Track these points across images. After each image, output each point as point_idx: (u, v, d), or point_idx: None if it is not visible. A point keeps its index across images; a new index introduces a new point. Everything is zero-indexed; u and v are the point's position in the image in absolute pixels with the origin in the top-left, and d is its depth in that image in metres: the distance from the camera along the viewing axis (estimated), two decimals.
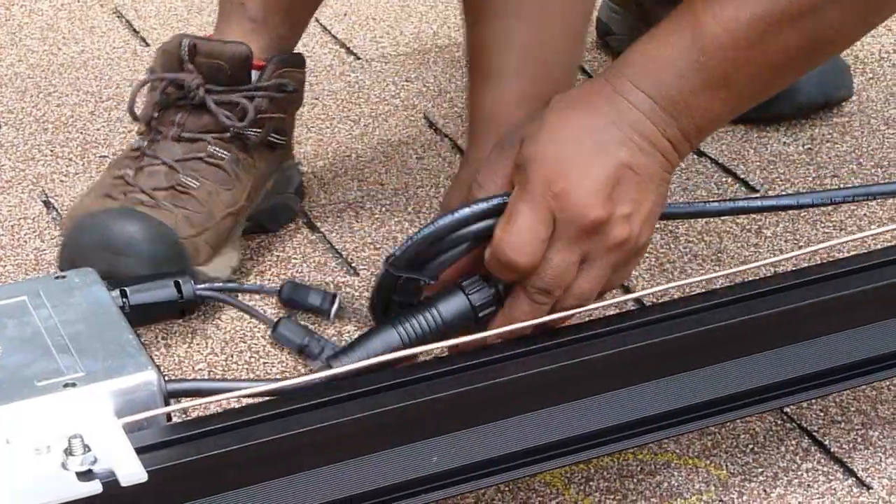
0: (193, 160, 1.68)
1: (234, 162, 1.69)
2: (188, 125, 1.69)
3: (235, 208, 1.69)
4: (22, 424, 1.16)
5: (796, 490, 1.36)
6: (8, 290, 1.30)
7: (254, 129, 1.70)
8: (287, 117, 1.75)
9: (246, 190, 1.70)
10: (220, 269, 1.67)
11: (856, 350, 1.34)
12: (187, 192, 1.65)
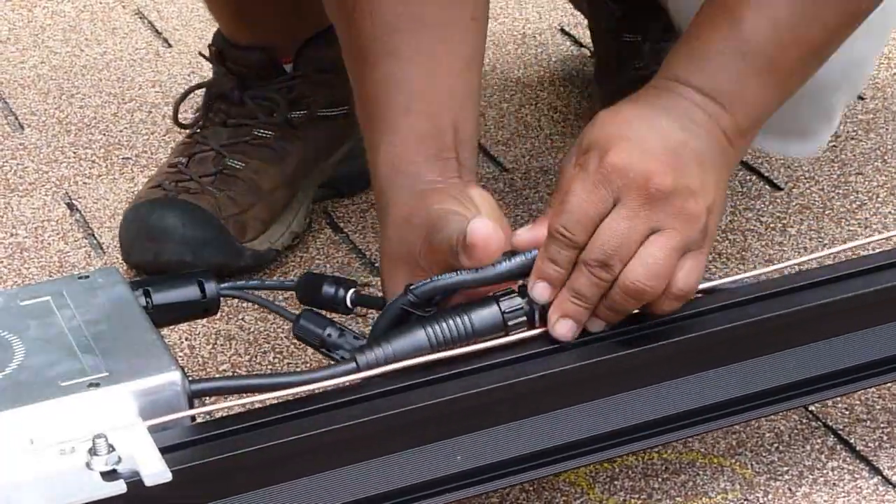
0: (240, 143, 1.76)
1: (280, 139, 1.77)
2: (233, 113, 1.78)
3: (286, 180, 1.75)
4: (46, 425, 1.16)
5: (822, 489, 1.36)
6: (32, 290, 1.31)
7: (297, 112, 1.77)
8: (342, 89, 1.76)
9: (296, 163, 1.77)
10: (275, 238, 1.73)
11: (881, 347, 1.34)
12: (233, 175, 1.73)
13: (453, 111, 1.39)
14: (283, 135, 1.75)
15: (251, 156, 1.74)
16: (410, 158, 1.34)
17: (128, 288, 1.31)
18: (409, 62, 1.39)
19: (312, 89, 1.75)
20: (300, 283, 1.44)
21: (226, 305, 1.50)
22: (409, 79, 1.38)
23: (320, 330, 1.34)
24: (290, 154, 1.75)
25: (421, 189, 1.31)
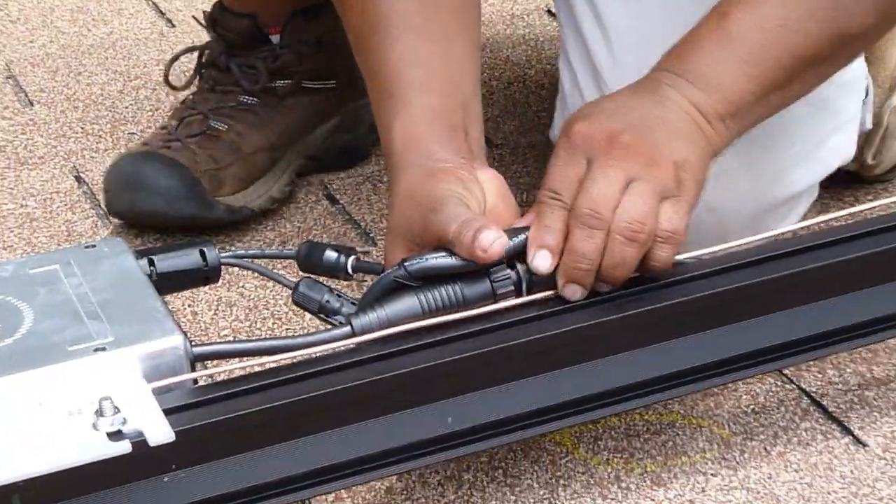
0: (226, 108, 1.77)
1: (264, 106, 1.78)
2: (220, 79, 1.79)
3: (268, 146, 1.76)
4: (54, 388, 1.17)
5: (795, 448, 1.36)
6: (40, 259, 1.31)
7: (280, 82, 1.78)
8: (328, 63, 1.80)
9: (280, 131, 1.78)
10: (252, 198, 1.74)
11: (852, 313, 1.34)
12: (216, 136, 1.75)
13: (464, 90, 1.39)
14: (266, 102, 1.77)
15: (235, 119, 1.76)
16: (424, 134, 1.33)
17: (132, 257, 1.31)
18: (427, 40, 1.38)
19: (297, 61, 1.76)
20: (301, 251, 1.44)
21: (227, 273, 1.50)
22: (426, 57, 1.38)
23: (319, 296, 1.34)
24: (274, 122, 1.76)
25: (431, 167, 1.30)
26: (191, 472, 1.18)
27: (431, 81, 1.37)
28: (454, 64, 1.39)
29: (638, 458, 1.36)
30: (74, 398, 1.15)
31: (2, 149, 1.88)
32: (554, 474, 1.35)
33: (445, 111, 1.35)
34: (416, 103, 1.35)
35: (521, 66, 2.03)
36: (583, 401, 1.28)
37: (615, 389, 1.28)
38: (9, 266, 1.30)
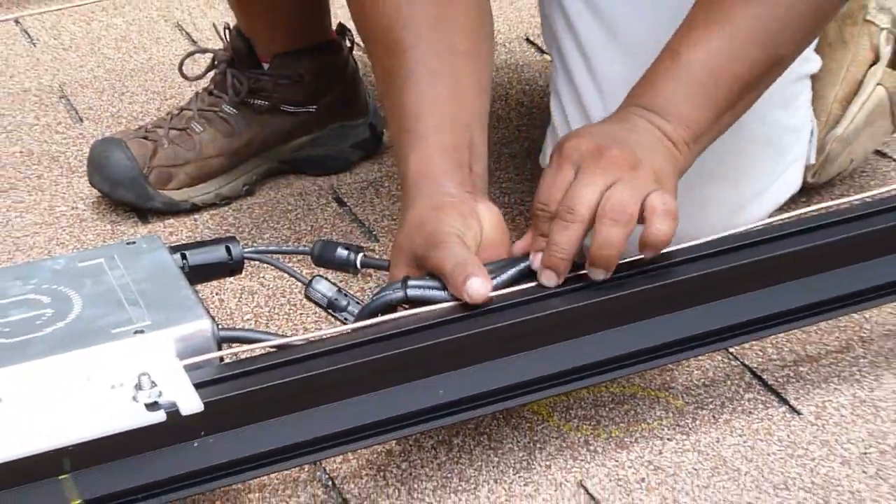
0: (210, 112, 1.77)
1: (239, 119, 1.78)
2: (218, 85, 1.79)
3: (228, 153, 1.77)
4: (100, 365, 1.17)
5: (740, 416, 1.36)
6: (87, 254, 1.31)
7: (259, 101, 1.78)
8: (305, 96, 1.80)
9: (246, 141, 1.78)
10: (198, 194, 1.77)
11: (788, 300, 1.34)
12: (190, 135, 1.76)
13: (471, 130, 1.38)
14: (242, 115, 1.77)
15: (211, 124, 1.77)
16: (434, 169, 1.33)
17: (167, 252, 1.31)
18: (441, 84, 1.37)
19: (277, 88, 1.76)
20: (315, 249, 1.44)
21: (249, 266, 1.49)
22: (439, 99, 1.37)
23: (329, 294, 1.34)
24: (243, 133, 1.77)
25: (438, 200, 1.30)
26: (217, 438, 1.18)
27: (443, 121, 1.36)
28: (463, 106, 1.38)
29: (604, 425, 1.36)
30: (117, 374, 1.16)
31: (55, 158, 1.88)
32: (531, 439, 1.35)
33: (454, 148, 1.35)
34: (428, 140, 1.35)
35: (503, 86, 2.03)
36: (556, 376, 1.27)
37: (584, 366, 1.28)
38: (61, 260, 1.30)
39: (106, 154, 1.72)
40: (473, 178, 1.35)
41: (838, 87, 1.60)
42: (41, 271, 1.28)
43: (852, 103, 1.61)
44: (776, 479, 1.28)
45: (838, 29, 1.59)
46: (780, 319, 1.34)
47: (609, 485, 1.29)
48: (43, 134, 1.95)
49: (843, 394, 1.38)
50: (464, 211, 1.29)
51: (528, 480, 1.30)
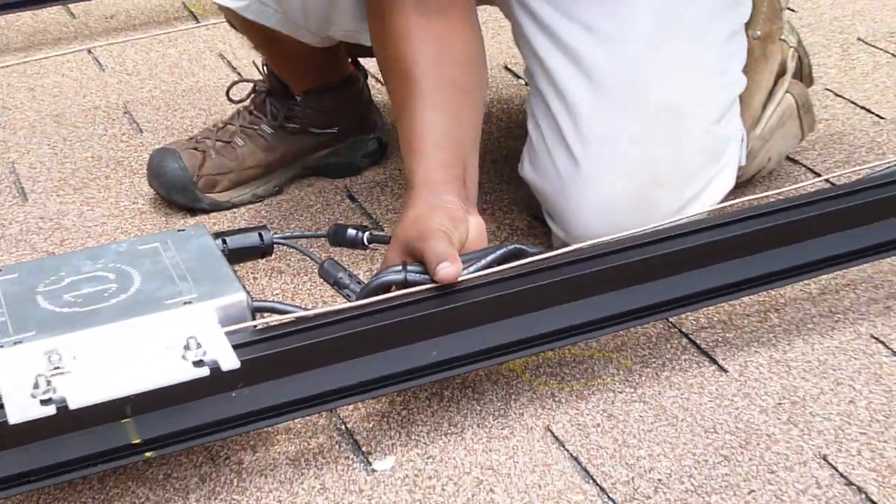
0: (251, 129, 1.76)
1: (275, 138, 1.77)
2: (257, 108, 1.78)
3: (264, 164, 1.76)
4: (155, 329, 1.17)
5: (677, 373, 1.36)
6: (146, 239, 1.31)
7: (292, 125, 1.77)
8: (329, 121, 1.79)
9: (280, 155, 1.77)
10: (237, 195, 1.75)
11: (717, 279, 1.34)
12: (233, 148, 1.75)
13: (466, 149, 1.39)
14: (278, 135, 1.76)
15: (251, 140, 1.76)
16: (436, 178, 1.34)
17: (211, 237, 1.32)
18: (443, 112, 1.38)
19: (307, 116, 1.76)
20: (329, 232, 1.45)
21: (278, 250, 1.49)
22: (441, 124, 1.38)
23: (335, 274, 1.34)
24: (278, 149, 1.76)
25: (435, 203, 1.31)
26: (251, 390, 1.18)
27: (444, 142, 1.37)
28: (460, 130, 1.39)
29: (567, 381, 1.36)
30: (169, 337, 1.16)
31: (120, 163, 1.87)
32: (507, 392, 1.35)
33: (451, 164, 1.36)
34: (431, 157, 1.36)
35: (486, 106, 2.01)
36: (527, 340, 1.28)
37: (550, 332, 1.28)
38: (124, 244, 1.30)
39: (162, 163, 1.72)
40: (467, 190, 1.36)
41: (760, 93, 1.60)
42: (108, 253, 1.29)
43: (765, 108, 1.61)
44: (707, 424, 1.28)
45: (762, 47, 1.59)
46: (710, 295, 1.35)
47: (571, 429, 1.29)
48: (110, 143, 1.95)
49: (761, 355, 1.38)
50: (455, 216, 1.30)
51: (504, 425, 1.30)
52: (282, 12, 1.55)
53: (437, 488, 1.23)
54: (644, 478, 1.22)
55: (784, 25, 1.62)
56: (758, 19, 1.59)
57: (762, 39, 1.59)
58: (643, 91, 1.46)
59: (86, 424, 1.13)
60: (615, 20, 1.47)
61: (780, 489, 1.20)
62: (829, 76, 2.03)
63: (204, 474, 1.26)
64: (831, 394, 1.32)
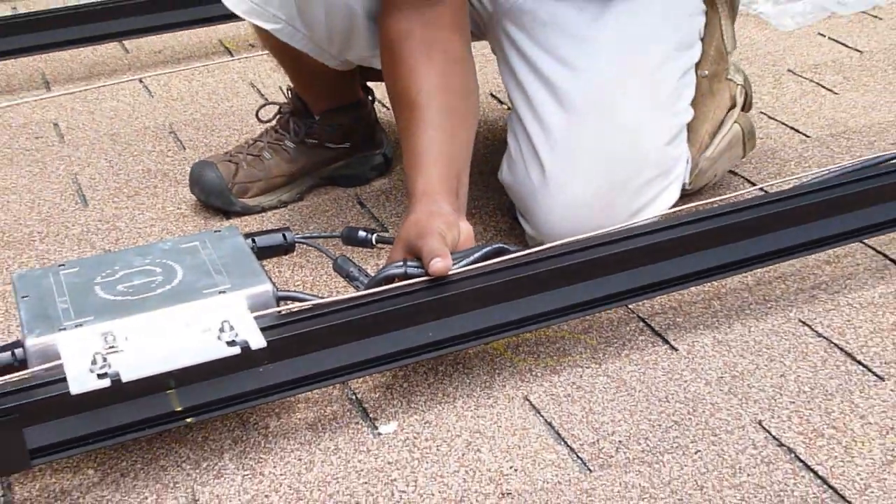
0: (276, 144, 1.76)
1: (296, 151, 1.76)
2: (282, 126, 1.77)
3: (288, 174, 1.75)
4: (195, 314, 1.17)
5: (635, 351, 1.36)
6: (187, 238, 1.31)
7: (310, 140, 1.76)
8: (343, 137, 1.78)
9: (301, 166, 1.76)
10: (265, 201, 1.74)
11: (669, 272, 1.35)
12: (261, 160, 1.74)
13: (459, 165, 1.40)
14: (299, 149, 1.76)
15: (277, 154, 1.75)
16: (434, 189, 1.34)
17: (242, 237, 1.32)
18: (441, 132, 1.38)
19: (323, 133, 1.75)
20: (343, 233, 1.45)
21: (300, 248, 1.49)
22: (438, 142, 1.38)
23: (347, 268, 1.34)
24: (299, 161, 1.75)
25: (433, 209, 1.31)
26: (275, 365, 1.18)
27: (441, 158, 1.37)
28: (455, 149, 1.39)
29: (542, 358, 1.36)
30: (207, 321, 1.16)
31: (166, 174, 1.87)
32: (492, 366, 1.35)
33: (447, 178, 1.36)
34: (430, 171, 1.35)
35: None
36: (509, 324, 1.28)
37: (528, 317, 1.29)
38: (169, 243, 1.30)
39: (202, 173, 1.72)
40: (458, 200, 1.36)
41: (708, 124, 1.61)
42: (155, 250, 1.29)
43: (717, 135, 1.61)
44: (660, 394, 1.28)
45: (709, 85, 1.60)
46: (662, 285, 1.35)
47: (545, 398, 1.29)
48: (158, 158, 1.94)
49: (706, 336, 1.38)
50: (448, 220, 1.30)
51: (489, 395, 1.30)
52: (309, 36, 1.55)
53: (433, 448, 1.22)
54: (607, 440, 1.22)
55: (730, 67, 1.63)
56: (706, 61, 1.59)
57: (709, 78, 1.60)
58: (606, 115, 1.46)
59: (135, 395, 1.13)
60: (585, 56, 1.48)
61: (721, 449, 1.20)
62: (763, 101, 2.02)
63: (236, 437, 1.25)
64: (765, 369, 1.32)
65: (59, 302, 1.19)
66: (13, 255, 1.65)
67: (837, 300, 1.44)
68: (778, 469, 1.17)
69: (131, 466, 1.22)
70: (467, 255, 1.28)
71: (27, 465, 1.12)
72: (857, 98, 2.02)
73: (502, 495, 1.16)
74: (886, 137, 1.86)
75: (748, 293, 1.47)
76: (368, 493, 1.17)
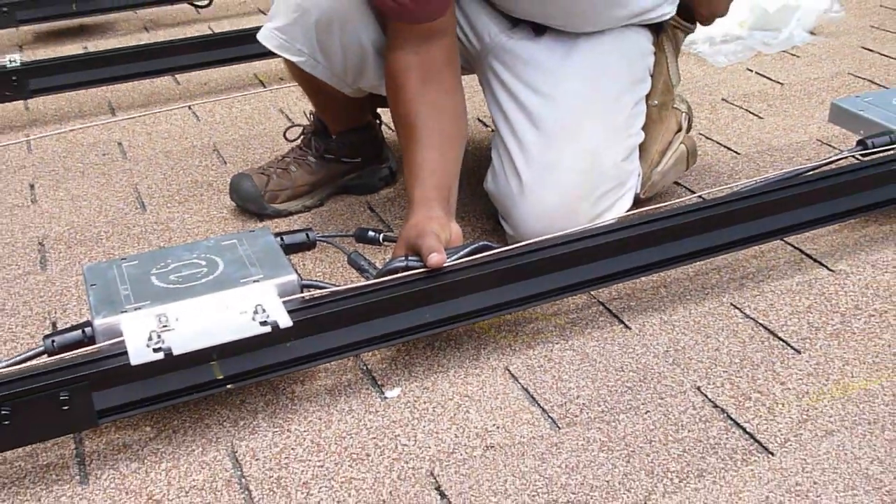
0: (300, 159, 1.75)
1: (317, 164, 1.75)
2: (306, 144, 1.76)
3: (310, 184, 1.74)
4: (234, 299, 1.16)
5: (596, 330, 1.36)
6: (227, 237, 1.30)
7: (328, 155, 1.75)
8: (356, 153, 1.77)
9: (320, 177, 1.75)
10: (292, 206, 1.73)
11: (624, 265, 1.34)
12: (289, 173, 1.73)
13: (451, 177, 1.39)
14: (319, 163, 1.75)
15: (301, 167, 1.74)
16: (429, 197, 1.34)
17: (272, 236, 1.31)
18: (436, 151, 1.38)
19: (340, 150, 1.75)
20: (356, 233, 1.45)
21: (320, 245, 1.48)
22: (434, 159, 1.38)
23: (358, 262, 1.34)
24: (319, 173, 1.74)
25: (429, 214, 1.31)
26: (300, 342, 1.18)
27: (436, 172, 1.37)
28: (447, 164, 1.39)
29: (520, 335, 1.36)
30: (243, 304, 1.15)
31: (210, 185, 1.86)
32: (478, 342, 1.35)
33: (440, 188, 1.36)
34: (426, 182, 1.35)
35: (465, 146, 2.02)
36: (493, 307, 1.28)
37: (508, 301, 1.28)
38: (212, 241, 1.29)
39: (240, 183, 1.71)
40: (450, 207, 1.36)
41: (657, 144, 1.61)
42: (201, 247, 1.28)
43: (665, 154, 1.61)
44: (616, 365, 1.28)
45: (658, 112, 1.60)
46: (619, 276, 1.34)
47: (523, 368, 1.29)
48: (203, 171, 1.94)
49: (654, 317, 1.38)
50: (442, 223, 1.30)
51: (475, 366, 1.30)
52: (328, 67, 1.54)
53: (430, 409, 1.22)
54: (573, 402, 1.22)
55: (675, 97, 1.63)
56: (655, 93, 1.59)
57: (658, 107, 1.60)
58: (573, 137, 1.46)
59: (184, 366, 1.13)
60: (556, 87, 1.48)
61: (667, 410, 1.20)
62: (702, 125, 2.02)
63: (267, 400, 1.25)
64: (703, 344, 1.32)
65: (121, 289, 1.19)
66: (84, 251, 1.65)
67: (762, 287, 1.44)
68: (713, 426, 1.17)
69: (181, 424, 1.22)
70: (458, 250, 1.28)
71: (95, 423, 1.12)
72: (778, 122, 2.02)
73: (486, 448, 1.16)
74: (803, 154, 1.86)
75: (689, 282, 1.47)
76: (376, 447, 1.17)
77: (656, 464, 1.12)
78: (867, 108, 1.62)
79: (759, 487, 1.08)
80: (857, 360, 1.27)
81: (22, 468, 1.16)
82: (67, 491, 1.13)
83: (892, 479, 1.08)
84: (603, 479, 1.10)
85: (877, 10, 2.64)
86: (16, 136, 2.15)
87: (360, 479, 1.12)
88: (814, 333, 1.33)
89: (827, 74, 2.25)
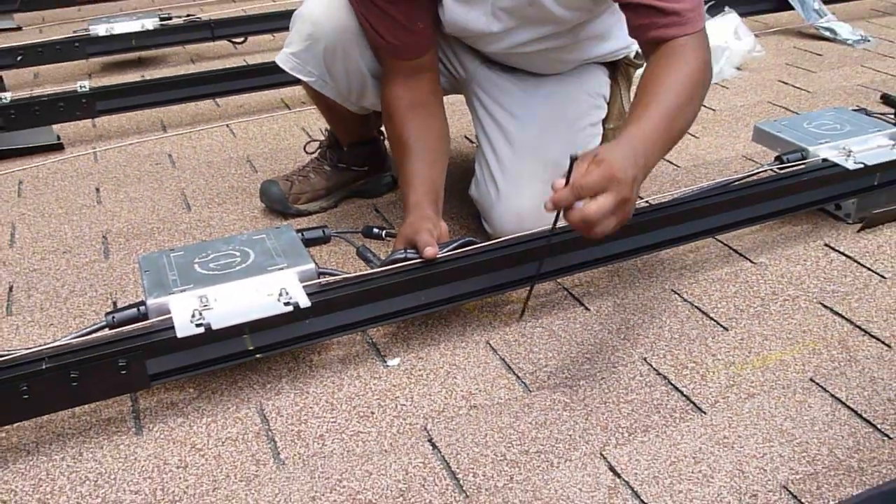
0: (318, 168, 1.73)
1: (331, 172, 1.73)
2: (322, 155, 1.75)
3: (326, 188, 1.72)
4: (263, 283, 1.16)
5: (561, 311, 1.35)
6: (258, 233, 1.29)
7: (341, 164, 1.73)
8: (364, 163, 1.75)
9: (335, 183, 1.72)
10: (311, 207, 1.71)
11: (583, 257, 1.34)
12: (308, 180, 1.71)
13: (438, 186, 1.38)
14: (333, 171, 1.73)
15: (318, 174, 1.72)
16: (422, 201, 1.33)
17: (294, 232, 1.30)
18: (424, 162, 1.37)
19: (350, 160, 1.74)
20: (363, 230, 1.44)
21: (335, 240, 1.48)
22: (423, 170, 1.37)
23: (366, 254, 1.33)
24: (333, 180, 1.73)
25: (423, 214, 1.30)
26: (317, 319, 1.18)
27: (426, 181, 1.36)
28: (435, 174, 1.38)
29: (498, 315, 1.35)
30: (270, 288, 1.14)
31: (244, 189, 1.85)
32: (464, 321, 1.34)
33: (430, 193, 1.35)
34: (418, 189, 1.34)
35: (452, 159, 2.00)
36: (476, 291, 1.27)
37: (489, 287, 1.28)
38: (245, 235, 1.28)
39: (268, 188, 1.70)
40: (438, 209, 1.35)
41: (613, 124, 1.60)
42: (235, 241, 1.27)
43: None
44: (578, 339, 1.28)
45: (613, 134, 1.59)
46: (579, 266, 1.34)
47: (500, 342, 1.28)
48: (238, 178, 1.92)
49: (609, 301, 1.37)
50: (434, 222, 1.29)
51: (461, 339, 1.29)
52: (336, 87, 1.53)
53: (424, 376, 1.22)
54: (542, 371, 1.21)
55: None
56: (611, 118, 1.59)
57: (613, 130, 1.59)
58: (540, 152, 1.45)
59: (221, 338, 1.12)
60: (526, 110, 1.48)
61: (619, 377, 1.19)
62: None
63: (290, 367, 1.24)
64: (649, 322, 1.31)
65: (170, 275, 1.18)
66: (140, 244, 1.64)
67: (697, 276, 1.44)
68: (657, 390, 1.17)
69: (218, 387, 1.21)
70: (447, 244, 1.27)
71: (148, 385, 1.11)
72: (711, 141, 2.01)
73: (471, 407, 1.15)
74: (730, 167, 1.86)
75: (637, 272, 1.46)
76: (380, 406, 1.16)
77: (610, 420, 1.12)
78: (783, 130, 1.63)
79: (693, 440, 1.08)
80: (774, 336, 1.27)
81: (88, 421, 1.16)
82: (125, 440, 1.12)
83: (801, 433, 1.08)
84: (566, 433, 1.10)
85: (791, 50, 2.65)
86: (85, 148, 2.14)
87: (366, 432, 1.12)
88: (739, 314, 1.33)
89: (751, 102, 2.25)
